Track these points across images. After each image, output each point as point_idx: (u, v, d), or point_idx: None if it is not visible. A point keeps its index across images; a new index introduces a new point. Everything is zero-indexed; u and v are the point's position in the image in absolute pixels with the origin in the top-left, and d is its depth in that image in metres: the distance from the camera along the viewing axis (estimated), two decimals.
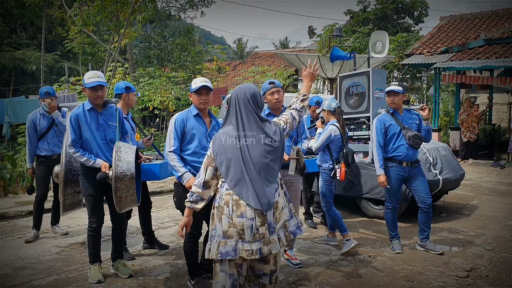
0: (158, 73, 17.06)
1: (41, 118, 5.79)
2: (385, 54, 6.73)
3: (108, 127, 4.37)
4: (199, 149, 4.01)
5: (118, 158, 4.01)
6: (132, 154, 4.11)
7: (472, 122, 13.69)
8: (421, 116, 5.17)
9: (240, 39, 52.76)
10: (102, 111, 4.38)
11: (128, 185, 4.02)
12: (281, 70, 20.15)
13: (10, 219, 6.89)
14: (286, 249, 4.86)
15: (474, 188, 9.44)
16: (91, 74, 4.30)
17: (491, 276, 4.51)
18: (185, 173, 3.92)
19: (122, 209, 4.20)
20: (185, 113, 4.09)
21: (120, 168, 3.98)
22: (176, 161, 3.94)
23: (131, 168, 4.01)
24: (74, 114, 4.27)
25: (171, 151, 3.96)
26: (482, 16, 17.77)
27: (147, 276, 4.51)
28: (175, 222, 6.65)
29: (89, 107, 4.32)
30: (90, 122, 4.29)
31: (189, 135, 4.00)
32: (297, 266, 4.73)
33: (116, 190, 4.00)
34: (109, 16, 11.62)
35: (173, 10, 26.21)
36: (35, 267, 4.77)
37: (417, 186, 5.20)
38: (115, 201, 4.06)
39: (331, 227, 5.59)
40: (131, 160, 4.04)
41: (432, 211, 5.24)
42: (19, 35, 22.25)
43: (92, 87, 4.25)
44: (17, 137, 12.42)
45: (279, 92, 4.48)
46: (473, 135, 13.79)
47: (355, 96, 6.23)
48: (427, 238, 5.28)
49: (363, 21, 25.51)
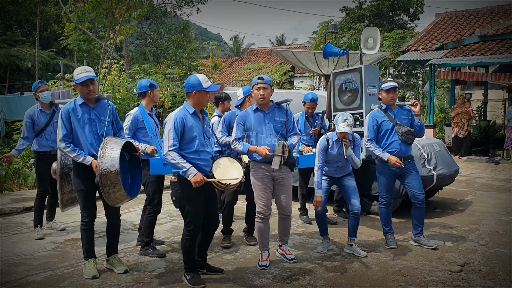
0: (154, 70, 17.03)
1: (39, 114, 5.77)
2: (376, 50, 6.73)
3: (100, 122, 4.36)
4: (200, 147, 4.07)
5: (103, 155, 4.04)
6: (118, 149, 4.09)
7: (462, 119, 13.68)
8: (413, 112, 5.20)
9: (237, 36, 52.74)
10: (94, 106, 4.37)
11: (113, 181, 4.03)
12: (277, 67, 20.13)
13: (6, 215, 6.88)
14: (281, 244, 4.88)
15: (468, 184, 9.49)
16: (80, 70, 4.29)
17: (484, 270, 4.55)
18: (190, 168, 3.93)
19: (115, 204, 4.23)
20: (183, 111, 4.08)
21: (104, 165, 4.01)
22: (178, 158, 3.95)
23: (115, 164, 4.01)
24: (65, 109, 4.27)
25: (171, 150, 3.96)
26: (477, 13, 17.81)
27: (142, 271, 4.52)
28: (170, 218, 6.66)
29: (81, 102, 4.31)
30: (82, 117, 4.28)
31: (189, 134, 4.03)
32: (292, 261, 4.75)
33: (102, 187, 4.03)
34: (104, 12, 11.56)
35: (169, 7, 26.19)
36: (30, 263, 4.77)
37: (410, 182, 5.22)
38: (105, 197, 4.12)
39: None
40: (116, 156, 4.04)
41: (425, 206, 5.27)
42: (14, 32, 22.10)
43: (83, 82, 4.24)
44: (12, 134, 12.36)
45: (265, 88, 4.48)
46: (462, 131, 13.74)
47: (348, 92, 6.25)
48: (420, 233, 5.31)
49: (358, 18, 25.51)
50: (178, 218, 6.62)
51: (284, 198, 4.63)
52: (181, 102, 15.40)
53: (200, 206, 4.11)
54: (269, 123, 4.54)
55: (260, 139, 4.51)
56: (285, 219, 4.76)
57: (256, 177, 4.58)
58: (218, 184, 4.14)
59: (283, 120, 4.60)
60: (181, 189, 4.06)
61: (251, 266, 4.69)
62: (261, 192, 4.56)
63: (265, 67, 19.87)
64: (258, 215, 4.65)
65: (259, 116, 4.56)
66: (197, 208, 4.09)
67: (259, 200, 4.59)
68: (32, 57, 17.57)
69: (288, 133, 4.66)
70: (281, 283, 4.24)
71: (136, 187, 4.49)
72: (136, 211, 7.01)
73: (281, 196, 4.63)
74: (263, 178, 4.55)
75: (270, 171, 4.52)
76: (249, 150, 4.47)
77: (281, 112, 4.63)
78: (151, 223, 5.04)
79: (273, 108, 4.59)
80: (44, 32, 21.34)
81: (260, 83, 4.47)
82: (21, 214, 7.00)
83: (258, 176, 4.57)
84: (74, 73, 4.31)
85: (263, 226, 4.68)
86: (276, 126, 4.55)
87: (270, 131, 4.53)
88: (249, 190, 5.30)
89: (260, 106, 4.57)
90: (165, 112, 16.02)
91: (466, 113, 13.66)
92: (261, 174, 4.55)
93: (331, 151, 5.02)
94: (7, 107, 11.46)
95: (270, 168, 4.47)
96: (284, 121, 4.60)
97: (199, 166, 4.06)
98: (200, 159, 4.09)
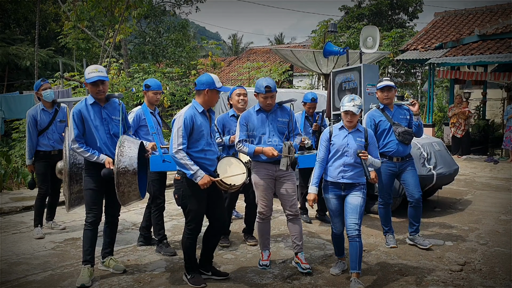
0: (152, 68, 16.99)
1: (42, 113, 5.73)
2: (376, 49, 6.72)
3: (112, 121, 4.34)
4: (205, 146, 4.07)
5: (121, 154, 4.02)
6: (135, 149, 4.11)
7: (459, 119, 13.67)
8: (412, 111, 5.19)
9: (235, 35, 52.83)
10: (105, 105, 4.34)
11: (130, 180, 4.02)
12: (276, 66, 20.12)
13: (5, 214, 6.87)
14: (296, 252, 4.59)
15: (467, 183, 9.49)
16: (92, 69, 4.25)
17: (484, 269, 4.55)
18: (198, 170, 3.92)
19: (126, 204, 4.22)
20: (192, 110, 4.07)
21: (123, 164, 3.99)
22: (187, 159, 3.93)
23: (134, 163, 4.01)
24: (77, 109, 4.23)
25: (180, 149, 3.93)
26: (476, 12, 17.80)
27: (142, 271, 4.52)
28: (170, 218, 6.65)
29: (92, 101, 4.27)
30: (93, 116, 4.25)
31: (197, 132, 4.02)
32: (305, 271, 4.43)
33: (118, 185, 4.01)
34: (104, 11, 11.57)
35: (168, 6, 26.17)
36: (30, 262, 4.77)
37: (406, 180, 5.21)
38: (118, 195, 4.07)
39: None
40: (134, 155, 4.05)
41: (421, 205, 5.23)
42: (13, 31, 22.06)
43: (93, 82, 4.21)
44: (11, 133, 12.34)
45: (272, 97, 4.46)
46: (460, 131, 13.72)
47: (347, 91, 6.24)
48: (416, 232, 5.29)
49: (357, 17, 25.53)
50: (178, 217, 6.62)
51: (288, 196, 4.52)
52: (180, 101, 15.38)
53: (202, 205, 4.10)
54: (272, 124, 4.52)
55: (262, 140, 4.49)
56: (294, 219, 4.57)
57: (258, 177, 4.53)
58: (222, 184, 4.13)
59: (285, 121, 4.58)
60: (184, 188, 4.05)
61: (252, 265, 4.69)
62: (263, 192, 4.53)
63: (264, 66, 19.84)
64: (259, 215, 4.63)
65: (262, 116, 4.54)
66: (199, 207, 4.08)
67: (261, 200, 4.57)
68: (31, 55, 17.54)
69: (291, 133, 4.63)
70: (281, 282, 4.24)
71: (143, 187, 4.45)
72: (136, 210, 7.01)
73: (285, 194, 4.52)
74: (266, 179, 4.51)
75: (272, 171, 4.50)
76: (255, 151, 4.41)
77: (283, 112, 4.61)
78: (159, 220, 5.05)
79: (275, 108, 4.58)
80: (43, 30, 21.28)
81: (268, 91, 4.40)
82: (21, 213, 6.99)
83: (260, 176, 4.52)
84: (86, 72, 4.28)
85: (264, 226, 4.66)
86: (279, 126, 4.54)
87: (273, 132, 4.51)
88: (249, 191, 5.30)
89: (264, 107, 4.55)
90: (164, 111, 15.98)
91: (462, 113, 13.63)
92: (263, 174, 4.51)
93: (334, 139, 4.30)
94: (6, 106, 11.43)
95: (272, 168, 4.46)
96: (286, 122, 4.59)
97: (205, 165, 4.05)
98: (206, 158, 4.08)
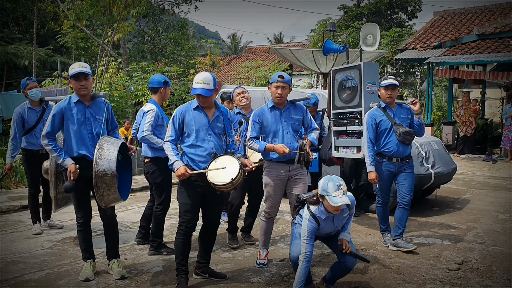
0: (151, 67, 16.96)
1: (29, 112, 5.67)
2: (376, 47, 6.68)
3: (95, 120, 4.25)
4: (196, 141, 4.05)
5: (99, 156, 3.94)
6: (115, 151, 4.02)
7: (469, 117, 13.75)
8: (413, 110, 5.16)
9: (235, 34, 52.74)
10: (90, 104, 4.25)
11: (109, 183, 3.95)
12: (275, 65, 20.13)
13: (3, 213, 6.86)
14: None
15: (466, 182, 9.50)
16: (75, 65, 4.17)
17: (482, 268, 4.55)
18: (176, 161, 3.99)
19: (108, 206, 4.16)
20: (186, 105, 4.16)
21: (101, 167, 3.91)
22: (170, 150, 4.04)
23: (112, 166, 3.94)
24: (59, 107, 4.17)
25: (167, 140, 4.08)
26: (475, 11, 17.81)
27: (139, 270, 4.51)
28: (168, 217, 6.62)
29: (76, 99, 4.20)
30: (76, 114, 4.17)
31: (188, 127, 4.07)
32: None
33: (97, 189, 3.94)
34: (102, 10, 11.54)
35: (166, 5, 26.14)
36: (27, 261, 4.76)
37: (401, 181, 5.15)
38: (97, 198, 4.01)
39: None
40: (113, 158, 3.96)
41: (409, 209, 5.14)
42: (11, 30, 22.01)
43: (75, 76, 4.09)
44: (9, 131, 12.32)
45: (284, 88, 4.42)
46: (470, 130, 13.85)
47: (347, 90, 6.21)
48: (399, 236, 5.16)
49: (356, 16, 25.50)
50: (176, 216, 6.59)
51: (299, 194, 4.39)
52: (179, 100, 15.38)
53: (192, 199, 4.03)
54: (286, 121, 4.49)
55: (277, 137, 4.45)
56: None
57: (269, 177, 4.49)
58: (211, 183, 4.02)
59: (299, 118, 4.55)
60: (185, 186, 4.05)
61: (249, 264, 4.68)
62: (272, 193, 4.50)
63: (263, 65, 19.85)
64: (264, 214, 4.61)
65: (276, 114, 4.50)
66: (186, 200, 4.04)
67: (268, 200, 4.54)
68: (29, 54, 17.50)
69: (308, 129, 4.65)
70: (279, 281, 4.24)
71: (127, 187, 4.37)
72: (134, 209, 7.00)
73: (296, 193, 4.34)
74: (276, 179, 4.46)
75: (286, 171, 4.45)
76: (265, 148, 4.38)
77: (296, 109, 4.58)
78: (161, 222, 5.04)
79: (288, 106, 4.55)
80: (42, 29, 21.24)
81: (280, 81, 4.40)
82: (18, 212, 6.98)
83: (272, 176, 4.48)
84: (69, 68, 4.21)
85: (267, 226, 4.64)
86: (293, 124, 4.51)
87: (287, 129, 4.48)
88: (252, 190, 5.30)
89: (276, 104, 4.53)
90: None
91: (474, 111, 13.76)
92: (275, 175, 4.46)
93: (320, 226, 3.76)
94: (4, 105, 11.40)
95: (286, 168, 4.43)
96: (301, 119, 4.55)
97: (195, 160, 4.04)
98: (195, 154, 4.05)
